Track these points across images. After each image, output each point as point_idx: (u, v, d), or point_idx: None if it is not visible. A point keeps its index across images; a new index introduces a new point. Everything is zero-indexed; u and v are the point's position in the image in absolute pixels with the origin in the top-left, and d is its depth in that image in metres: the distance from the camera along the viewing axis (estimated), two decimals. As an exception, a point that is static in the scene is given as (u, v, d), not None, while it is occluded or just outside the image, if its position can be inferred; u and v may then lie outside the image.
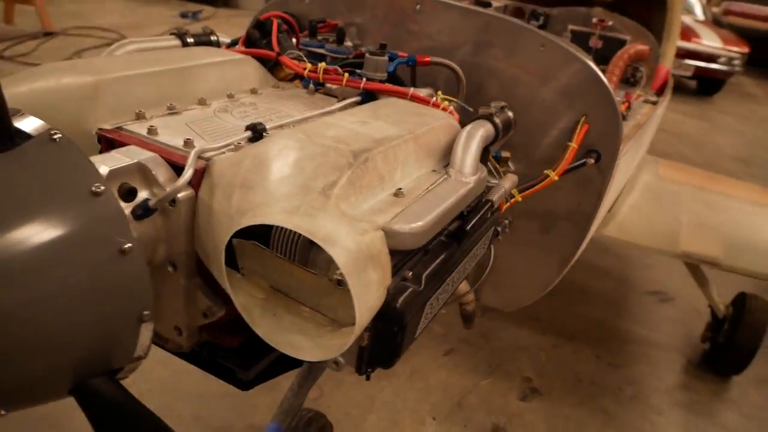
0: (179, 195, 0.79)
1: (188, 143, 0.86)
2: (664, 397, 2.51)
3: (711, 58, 8.44)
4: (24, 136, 0.67)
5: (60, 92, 0.91)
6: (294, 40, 1.48)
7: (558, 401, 2.38)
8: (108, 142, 0.90)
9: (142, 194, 0.79)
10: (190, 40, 1.37)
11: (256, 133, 0.90)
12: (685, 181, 2.57)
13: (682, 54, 8.04)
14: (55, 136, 0.67)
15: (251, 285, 0.81)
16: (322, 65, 1.23)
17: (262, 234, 0.78)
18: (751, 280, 2.78)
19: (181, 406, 2.09)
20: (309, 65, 1.25)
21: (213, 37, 1.44)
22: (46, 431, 1.93)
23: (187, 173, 0.77)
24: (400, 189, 0.85)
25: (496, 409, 2.30)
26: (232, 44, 1.44)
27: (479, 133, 1.04)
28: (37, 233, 0.61)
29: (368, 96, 1.22)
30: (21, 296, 0.59)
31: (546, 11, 2.44)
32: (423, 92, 1.25)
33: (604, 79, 1.38)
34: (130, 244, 0.67)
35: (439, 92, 1.28)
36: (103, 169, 0.74)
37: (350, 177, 0.77)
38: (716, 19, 11.41)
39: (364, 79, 1.21)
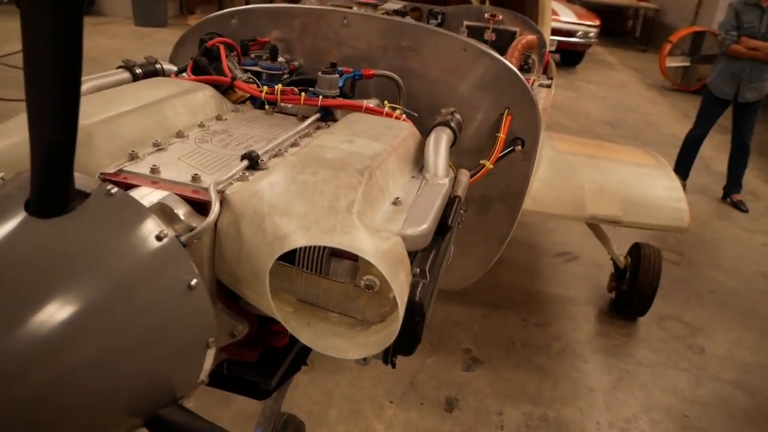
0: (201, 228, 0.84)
1: (196, 178, 0.91)
2: (586, 346, 2.81)
3: (570, 33, 9.19)
4: (81, 194, 0.70)
5: None
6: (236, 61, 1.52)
7: (498, 366, 2.60)
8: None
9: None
10: (138, 71, 1.38)
11: (252, 161, 0.97)
12: (578, 151, 2.87)
13: (546, 31, 8.68)
14: (111, 191, 0.71)
15: (280, 300, 0.88)
16: (278, 87, 1.30)
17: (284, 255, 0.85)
18: (640, 231, 3.17)
19: None
20: (266, 88, 1.31)
21: (158, 66, 1.45)
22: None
23: (215, 207, 0.82)
24: (398, 198, 0.96)
25: (446, 383, 2.47)
26: (179, 72, 1.46)
27: (443, 139, 1.17)
28: (115, 286, 0.65)
29: (326, 111, 1.31)
30: (106, 344, 0.64)
31: (442, 10, 2.62)
32: (372, 103, 1.36)
33: (521, 77, 1.56)
34: (196, 280, 0.73)
35: (386, 102, 1.39)
36: None
37: (363, 193, 0.86)
38: (568, -4, 12.37)
39: (321, 97, 1.29)
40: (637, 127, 6.83)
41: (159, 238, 0.71)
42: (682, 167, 4.91)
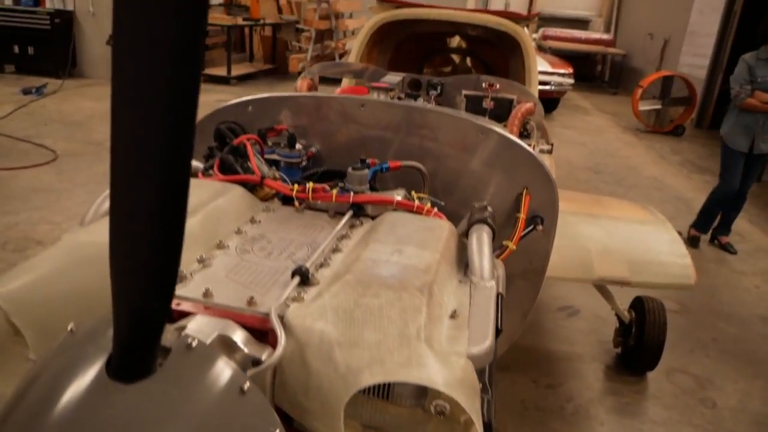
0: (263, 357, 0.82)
1: (252, 302, 0.90)
2: (599, 406, 2.79)
3: (545, 81, 9.46)
4: (163, 349, 0.68)
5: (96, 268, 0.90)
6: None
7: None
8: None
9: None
10: None
11: (303, 276, 0.96)
12: (577, 210, 2.91)
13: (522, 81, 8.96)
14: (191, 344, 0.69)
15: (346, 428, 0.86)
16: (310, 185, 1.30)
17: None
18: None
19: None
20: (296, 186, 1.31)
21: None
22: None
23: (282, 340, 0.81)
24: (455, 311, 0.96)
25: (465, 455, 2.42)
26: (206, 169, 1.45)
27: (485, 239, 1.18)
28: None
29: (357, 207, 1.31)
30: None
31: (441, 80, 2.68)
32: (399, 195, 1.37)
33: (539, 158, 1.59)
34: (279, 429, 0.71)
35: (413, 192, 1.40)
36: None
37: (427, 314, 0.86)
38: (539, 45, 12.82)
39: (352, 193, 1.30)
40: (619, 172, 6.98)
41: (242, 390, 0.69)
42: (704, 222, 4.85)
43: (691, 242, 4.81)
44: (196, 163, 1.51)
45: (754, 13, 9.77)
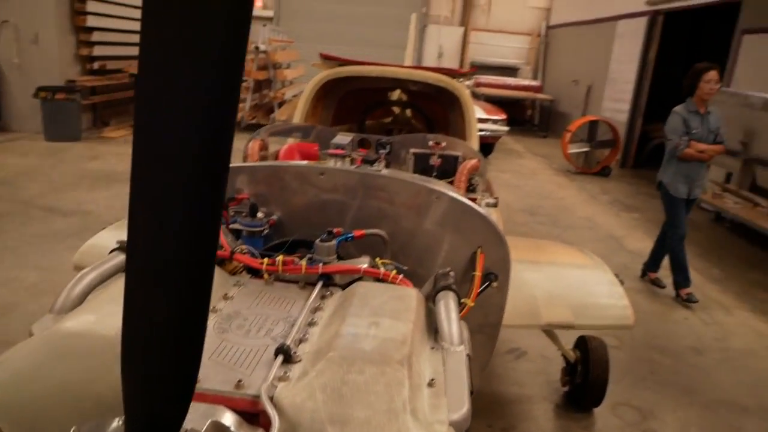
0: None
1: (240, 385, 0.95)
2: (552, 444, 2.90)
3: (481, 128, 9.89)
4: None
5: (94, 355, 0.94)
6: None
7: (474, 478, 2.62)
8: None
9: None
10: None
11: (286, 354, 1.02)
12: (520, 257, 3.06)
13: (458, 127, 9.33)
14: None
15: None
16: (280, 259, 1.37)
17: None
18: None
19: None
20: (266, 260, 1.38)
21: None
22: None
23: (276, 423, 0.86)
24: (432, 380, 1.04)
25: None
26: None
27: (451, 305, 1.28)
28: None
29: (326, 277, 1.39)
30: None
31: (389, 139, 2.82)
32: (365, 263, 1.45)
33: (491, 220, 1.72)
34: None
35: (378, 259, 1.49)
36: None
37: (410, 386, 0.94)
38: (473, 92, 13.39)
39: (321, 264, 1.38)
40: (554, 213, 7.33)
41: None
42: (682, 273, 4.83)
43: (688, 300, 4.77)
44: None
45: (667, 62, 10.63)
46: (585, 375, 3.09)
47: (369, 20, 15.06)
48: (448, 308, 1.27)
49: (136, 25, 10.76)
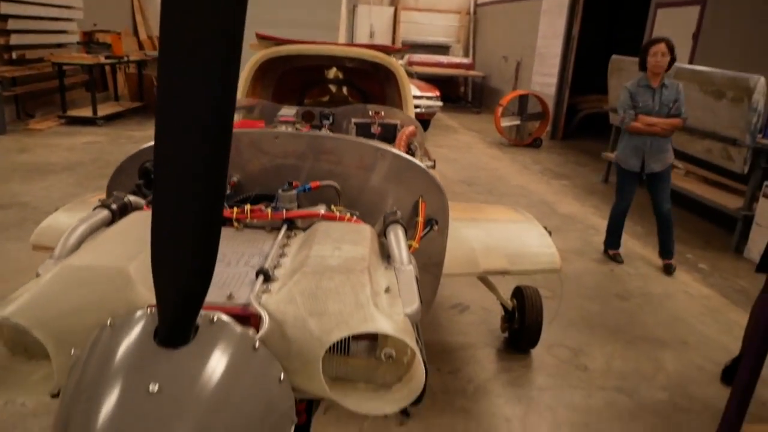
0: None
1: (230, 297, 1.13)
2: (495, 382, 3.20)
3: (416, 104, 10.16)
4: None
5: (98, 284, 1.10)
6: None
7: (427, 416, 2.87)
8: None
9: None
10: (114, 207, 1.55)
11: (266, 275, 1.21)
12: (460, 216, 3.33)
13: (395, 105, 9.57)
14: (213, 318, 0.92)
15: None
16: (248, 207, 1.55)
17: None
18: (519, 276, 3.70)
19: None
20: (236, 209, 1.55)
21: (126, 200, 1.62)
22: None
23: (266, 317, 1.05)
24: (388, 287, 1.25)
25: (386, 441, 2.70)
26: (149, 202, 1.64)
27: (400, 234, 1.49)
28: (240, 388, 0.87)
29: (290, 222, 1.57)
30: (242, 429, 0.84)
31: (332, 111, 2.99)
32: (322, 209, 1.65)
33: (429, 171, 1.94)
34: (283, 374, 0.95)
35: (333, 206, 1.69)
36: None
37: (371, 288, 1.15)
38: (406, 70, 13.63)
39: (284, 211, 1.56)
40: (489, 183, 7.69)
41: (254, 348, 0.93)
42: (613, 239, 5.19)
43: (614, 259, 5.16)
44: (137, 199, 1.69)
45: (590, 36, 11.17)
46: (522, 321, 3.40)
47: (300, 2, 15.00)
48: (397, 237, 1.48)
49: (57, 12, 10.37)
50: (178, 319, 0.85)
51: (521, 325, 3.41)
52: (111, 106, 10.95)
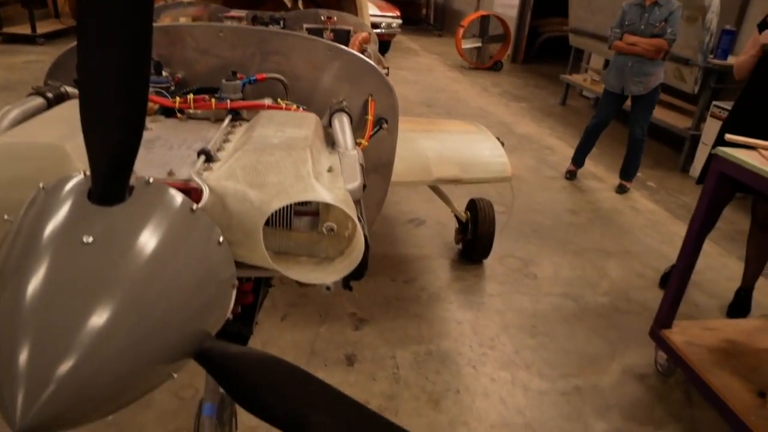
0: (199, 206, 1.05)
1: (171, 173, 1.12)
2: (448, 290, 3.31)
3: (375, 25, 9.89)
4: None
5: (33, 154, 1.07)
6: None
7: (381, 321, 2.98)
8: None
9: None
10: (50, 95, 1.48)
11: (208, 155, 1.19)
12: (415, 128, 3.34)
13: (354, 25, 9.31)
14: (149, 180, 0.91)
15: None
16: (191, 96, 1.51)
17: None
18: (473, 189, 3.76)
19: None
20: (178, 98, 1.51)
21: (62, 90, 1.55)
22: None
23: (206, 189, 1.05)
24: (331, 166, 1.25)
25: (341, 344, 2.79)
26: None
27: (345, 121, 1.48)
28: (174, 247, 0.87)
29: (235, 113, 1.54)
30: (175, 289, 0.85)
31: (283, 15, 2.88)
32: (268, 101, 1.62)
33: (378, 69, 1.92)
34: (222, 237, 0.96)
35: (279, 99, 1.66)
36: None
37: (312, 164, 1.15)
38: (367, -10, 13.16)
39: (229, 101, 1.53)
40: (449, 104, 7.67)
41: (192, 210, 0.93)
42: (577, 156, 5.25)
43: (570, 177, 5.25)
44: (74, 90, 1.62)
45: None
46: (475, 231, 3.48)
47: None
48: (341, 124, 1.47)
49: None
50: (111, 174, 0.83)
51: (474, 235, 3.50)
52: (51, 24, 10.30)
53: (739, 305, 3.33)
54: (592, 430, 2.40)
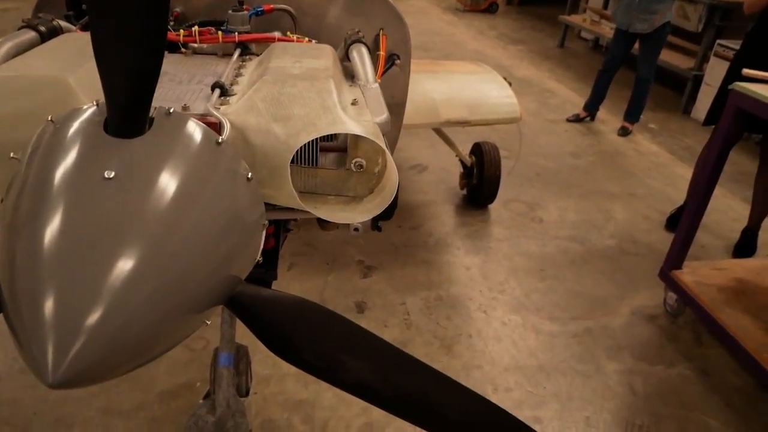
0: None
1: (186, 108, 1.04)
2: (454, 236, 3.27)
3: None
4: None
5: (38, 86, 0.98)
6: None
7: (390, 268, 2.95)
8: None
9: None
10: (42, 29, 1.37)
11: (222, 88, 1.11)
12: (420, 69, 3.21)
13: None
14: (170, 111, 0.82)
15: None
16: (195, 29, 1.40)
17: None
18: (478, 133, 3.68)
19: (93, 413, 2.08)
20: (182, 31, 1.40)
21: (55, 23, 1.44)
22: None
23: (227, 123, 0.97)
24: (355, 99, 1.17)
25: (351, 292, 2.76)
26: (84, 26, 1.46)
27: (364, 52, 1.39)
28: (201, 184, 0.79)
29: (243, 46, 1.44)
30: (204, 229, 0.78)
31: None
32: (277, 34, 1.52)
33: (392, 3, 1.81)
34: (250, 173, 0.88)
35: (289, 33, 1.56)
36: None
37: (337, 94, 1.07)
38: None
39: (237, 33, 1.42)
40: (446, 48, 7.46)
41: (218, 143, 0.85)
42: (589, 100, 5.12)
43: (573, 119, 5.15)
44: (68, 24, 1.51)
45: None
46: (480, 175, 3.42)
47: None
48: (361, 55, 1.38)
49: None
50: (130, 103, 0.75)
51: (479, 180, 3.43)
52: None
53: (746, 245, 3.31)
54: (605, 371, 2.40)
